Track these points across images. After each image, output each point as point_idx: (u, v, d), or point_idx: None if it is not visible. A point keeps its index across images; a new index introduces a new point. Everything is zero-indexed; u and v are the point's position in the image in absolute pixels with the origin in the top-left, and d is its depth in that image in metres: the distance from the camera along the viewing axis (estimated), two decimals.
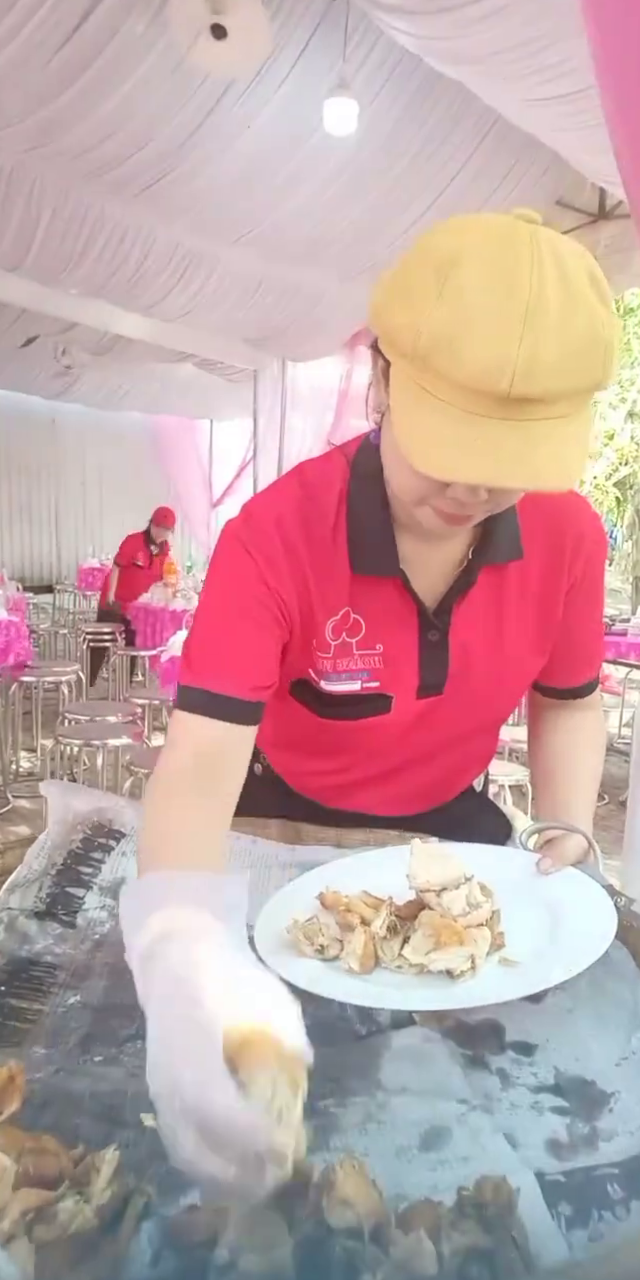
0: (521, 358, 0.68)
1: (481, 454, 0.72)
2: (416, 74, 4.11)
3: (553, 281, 0.70)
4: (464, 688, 1.01)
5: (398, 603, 0.96)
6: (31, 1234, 0.46)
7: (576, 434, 0.74)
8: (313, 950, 0.76)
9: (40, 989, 0.77)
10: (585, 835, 0.95)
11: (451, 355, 0.70)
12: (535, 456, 0.72)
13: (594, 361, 0.71)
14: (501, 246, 0.71)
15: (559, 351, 0.69)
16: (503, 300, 0.69)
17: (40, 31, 3.43)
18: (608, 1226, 0.54)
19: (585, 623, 1.06)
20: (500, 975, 0.73)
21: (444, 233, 0.75)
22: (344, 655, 0.97)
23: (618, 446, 11.29)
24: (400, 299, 0.75)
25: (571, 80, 3.10)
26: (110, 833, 0.98)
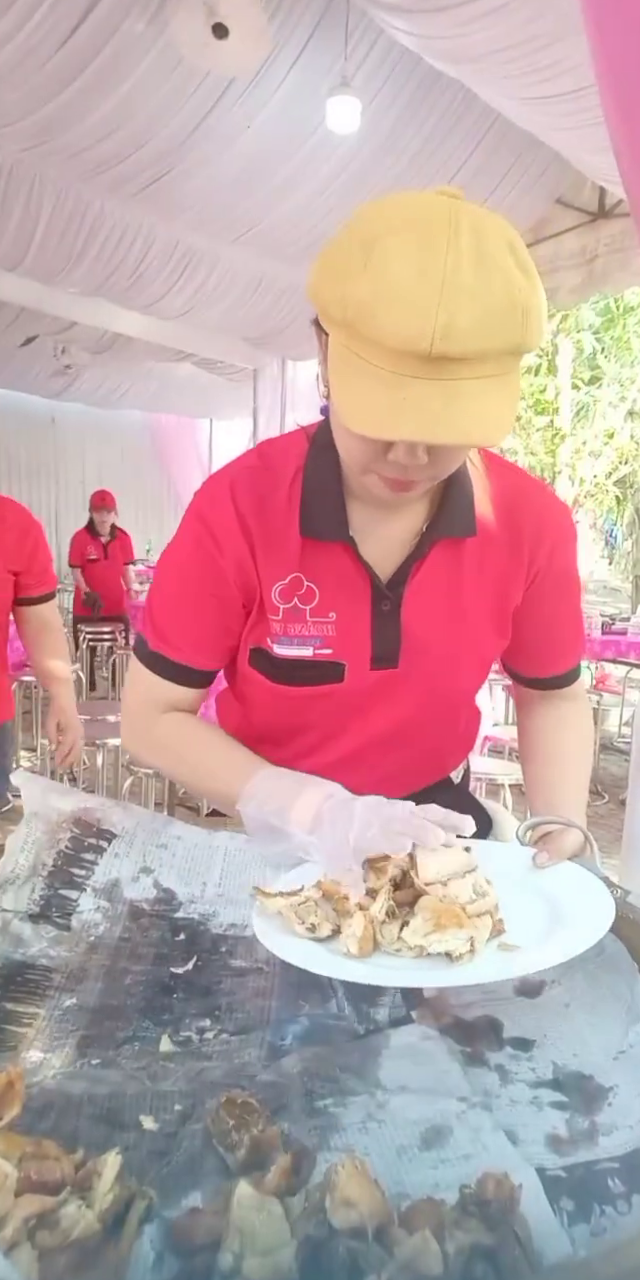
0: (440, 320, 0.73)
1: (410, 412, 0.76)
2: (417, 73, 4.11)
3: (469, 250, 0.75)
4: (419, 662, 1.03)
5: (351, 572, 0.99)
6: (34, 1240, 0.46)
7: (503, 394, 0.79)
8: (304, 929, 0.76)
9: (36, 992, 0.77)
10: (582, 830, 0.95)
11: (376, 321, 0.75)
12: (461, 414, 0.77)
13: (512, 323, 0.76)
14: (420, 220, 0.77)
15: (475, 313, 0.74)
16: (421, 268, 0.74)
17: (40, 31, 3.43)
18: (609, 1221, 0.54)
19: (559, 611, 1.09)
20: (499, 959, 0.73)
21: (368, 209, 0.82)
22: (295, 620, 1.00)
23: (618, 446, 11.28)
24: (331, 273, 0.81)
25: (570, 79, 3.10)
26: (100, 833, 0.97)
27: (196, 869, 0.95)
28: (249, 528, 0.98)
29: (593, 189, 5.19)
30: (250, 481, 0.99)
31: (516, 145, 4.63)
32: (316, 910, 0.77)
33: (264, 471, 1.00)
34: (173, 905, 0.91)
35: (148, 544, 10.49)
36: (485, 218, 0.78)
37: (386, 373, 0.77)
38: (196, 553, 1.00)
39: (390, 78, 4.16)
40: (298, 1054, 0.68)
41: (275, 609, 1.00)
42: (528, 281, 0.78)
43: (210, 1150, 0.56)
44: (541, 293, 0.80)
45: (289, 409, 7.34)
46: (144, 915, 0.89)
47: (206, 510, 1.00)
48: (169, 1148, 0.57)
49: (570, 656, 1.15)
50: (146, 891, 0.92)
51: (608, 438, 11.29)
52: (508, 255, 0.77)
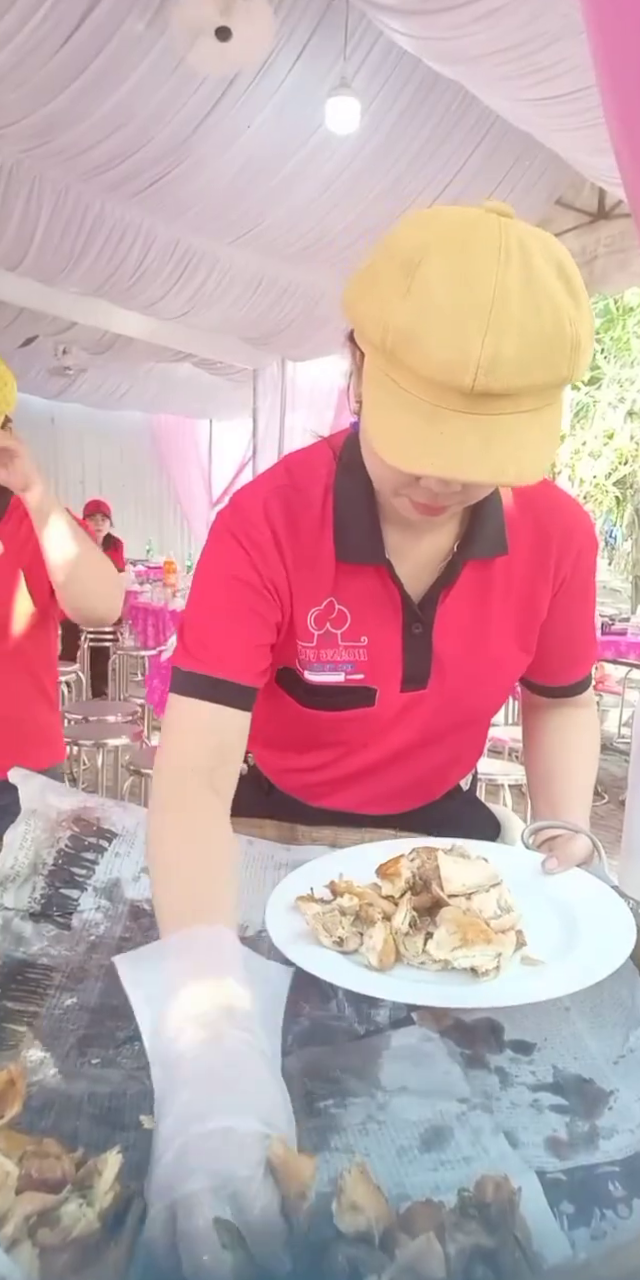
0: (484, 354, 0.69)
1: (445, 447, 0.73)
2: (416, 74, 4.11)
3: (518, 277, 0.70)
4: (447, 683, 1.01)
5: (382, 594, 0.97)
6: (35, 1238, 0.46)
7: (543, 428, 0.75)
8: (331, 942, 0.75)
9: (36, 991, 0.77)
10: (590, 836, 0.95)
11: (416, 350, 0.71)
12: (498, 451, 0.73)
13: (559, 357, 0.72)
14: (466, 241, 0.72)
15: (522, 347, 0.70)
16: (466, 296, 0.70)
17: (40, 31, 3.43)
18: (610, 1224, 0.54)
19: (576, 622, 1.07)
20: (524, 975, 0.73)
21: (411, 226, 0.76)
22: (328, 646, 0.98)
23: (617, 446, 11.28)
24: (369, 293, 0.76)
25: (569, 80, 3.10)
26: (101, 832, 0.97)
27: None
28: (284, 549, 0.94)
29: (592, 190, 5.19)
30: (283, 503, 0.95)
31: (516, 146, 4.63)
32: (343, 922, 0.76)
33: (295, 492, 0.96)
34: None
35: (148, 544, 10.50)
36: (535, 238, 0.74)
37: (424, 404, 0.73)
38: (232, 570, 0.94)
39: (390, 79, 4.16)
40: (298, 1054, 0.68)
41: (309, 635, 0.97)
42: (577, 310, 0.73)
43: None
44: (591, 320, 0.75)
45: (289, 409, 7.34)
46: (145, 915, 0.89)
47: (240, 529, 0.94)
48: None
49: (584, 666, 1.13)
50: (147, 891, 0.92)
51: (607, 438, 11.29)
52: (557, 280, 0.72)
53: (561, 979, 0.70)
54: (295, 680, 1.00)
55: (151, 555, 10.14)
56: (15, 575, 1.69)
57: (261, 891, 0.91)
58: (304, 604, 0.96)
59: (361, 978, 0.71)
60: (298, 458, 1.01)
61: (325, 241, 5.18)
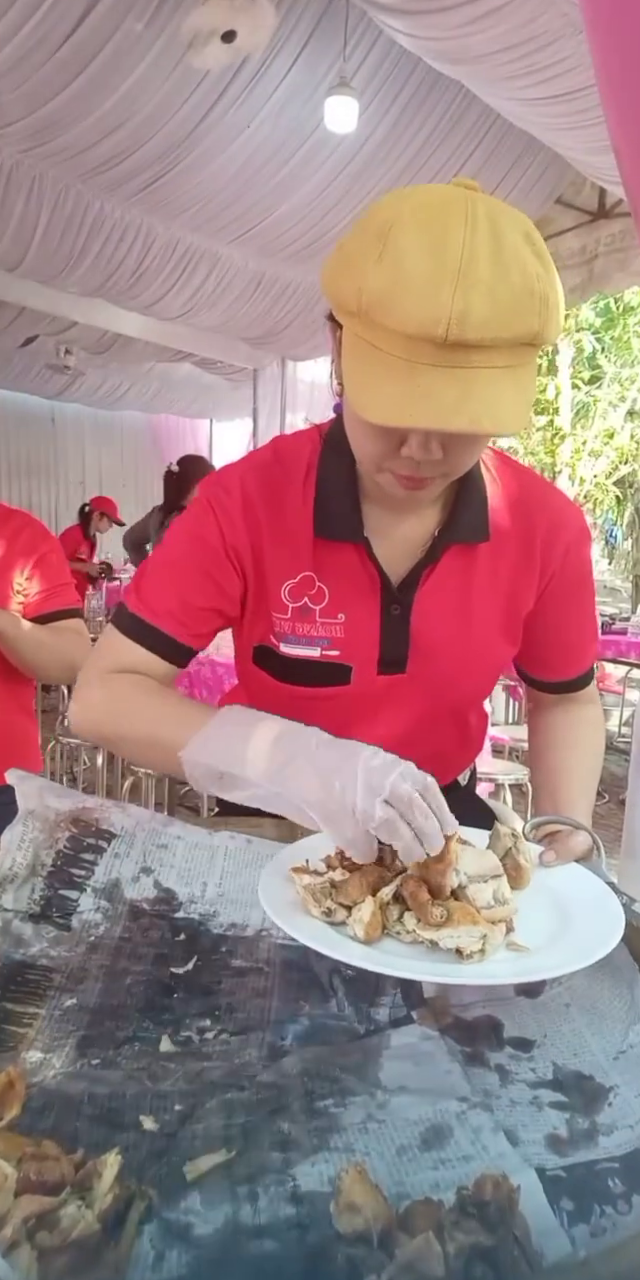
0: (456, 306, 0.72)
1: (423, 399, 0.75)
2: (416, 73, 4.11)
3: (485, 238, 0.74)
4: (427, 667, 1.02)
5: (361, 573, 0.99)
6: (34, 1240, 0.46)
7: (518, 385, 0.78)
8: (319, 912, 0.76)
9: (36, 992, 0.77)
10: (590, 832, 0.95)
11: (390, 308, 0.75)
12: (474, 402, 0.75)
13: (529, 311, 0.75)
14: (436, 210, 0.76)
15: (491, 300, 0.73)
16: (437, 256, 0.73)
17: (39, 30, 3.43)
18: (610, 1221, 0.54)
19: (572, 616, 1.08)
20: (508, 959, 0.73)
21: (382, 203, 0.80)
22: (304, 620, 0.99)
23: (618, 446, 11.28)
24: (345, 265, 0.80)
25: (569, 79, 3.10)
26: (99, 833, 0.97)
27: (197, 869, 0.95)
28: (258, 521, 0.97)
29: (592, 189, 5.19)
30: (263, 477, 0.99)
31: (516, 146, 4.63)
32: (333, 894, 0.77)
33: (278, 467, 1.00)
34: (173, 905, 0.91)
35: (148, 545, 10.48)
36: (502, 209, 0.78)
37: (400, 361, 0.76)
38: (196, 531, 0.99)
39: (389, 78, 4.16)
40: (298, 1054, 0.68)
41: (283, 607, 0.99)
42: (545, 271, 0.77)
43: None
44: (559, 285, 0.79)
45: (289, 409, 7.34)
46: (144, 915, 0.89)
47: (213, 496, 0.99)
48: (169, 1148, 0.57)
49: (583, 660, 1.14)
50: (147, 891, 0.92)
51: (608, 438, 11.28)
52: (525, 245, 0.76)
53: (545, 965, 0.71)
54: (271, 655, 1.02)
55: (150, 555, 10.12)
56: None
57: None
58: (277, 575, 0.99)
59: (345, 948, 0.71)
60: (285, 438, 1.06)
61: (325, 241, 5.18)
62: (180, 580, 0.99)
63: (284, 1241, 0.49)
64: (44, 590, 1.78)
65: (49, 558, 1.81)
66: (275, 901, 0.76)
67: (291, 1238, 0.49)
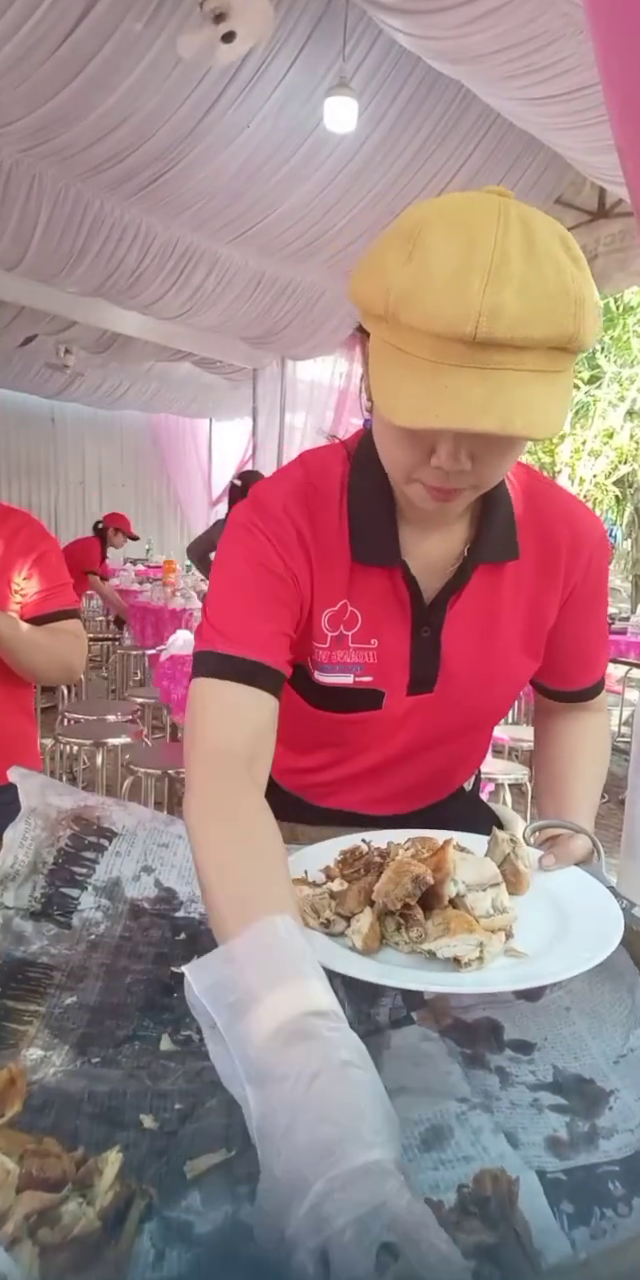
0: (486, 303, 0.69)
1: (451, 400, 0.72)
2: (415, 73, 4.11)
3: (518, 239, 0.72)
4: (454, 687, 1.00)
5: (393, 597, 0.97)
6: (35, 1237, 0.46)
7: (550, 389, 0.75)
8: (318, 923, 0.76)
9: (37, 990, 0.77)
10: (590, 836, 0.94)
11: (418, 306, 0.72)
12: (505, 403, 0.72)
13: (562, 311, 0.72)
14: (467, 210, 0.74)
15: (524, 297, 0.70)
16: (467, 253, 0.71)
17: (39, 30, 3.43)
18: (609, 1224, 0.54)
19: (589, 627, 1.06)
20: (506, 966, 0.73)
21: (414, 208, 0.78)
22: (339, 648, 0.97)
23: (617, 445, 11.27)
24: (373, 270, 0.78)
25: (568, 79, 3.10)
26: (100, 831, 0.97)
27: None
28: (308, 549, 0.94)
29: (592, 189, 5.19)
30: (302, 501, 0.95)
31: (516, 145, 4.63)
32: (331, 905, 0.76)
33: (313, 491, 0.95)
34: (173, 904, 0.91)
35: (147, 544, 10.49)
36: (535, 213, 0.76)
37: (428, 362, 0.73)
38: (258, 558, 0.92)
39: (389, 78, 4.16)
40: None
41: (323, 637, 0.97)
42: (581, 274, 0.74)
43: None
44: (595, 289, 0.76)
45: (288, 409, 7.35)
46: (145, 914, 0.89)
47: (262, 522, 0.93)
48: (169, 1147, 0.57)
49: (596, 670, 1.12)
50: (147, 890, 0.92)
51: (607, 437, 11.28)
52: (560, 248, 0.74)
53: (543, 971, 0.70)
54: (305, 679, 1.00)
55: (151, 555, 10.14)
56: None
57: None
58: (321, 604, 0.96)
59: (343, 959, 0.71)
60: (314, 456, 1.00)
61: (324, 241, 5.19)
62: (259, 607, 0.92)
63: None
64: (42, 590, 1.78)
65: (47, 557, 1.80)
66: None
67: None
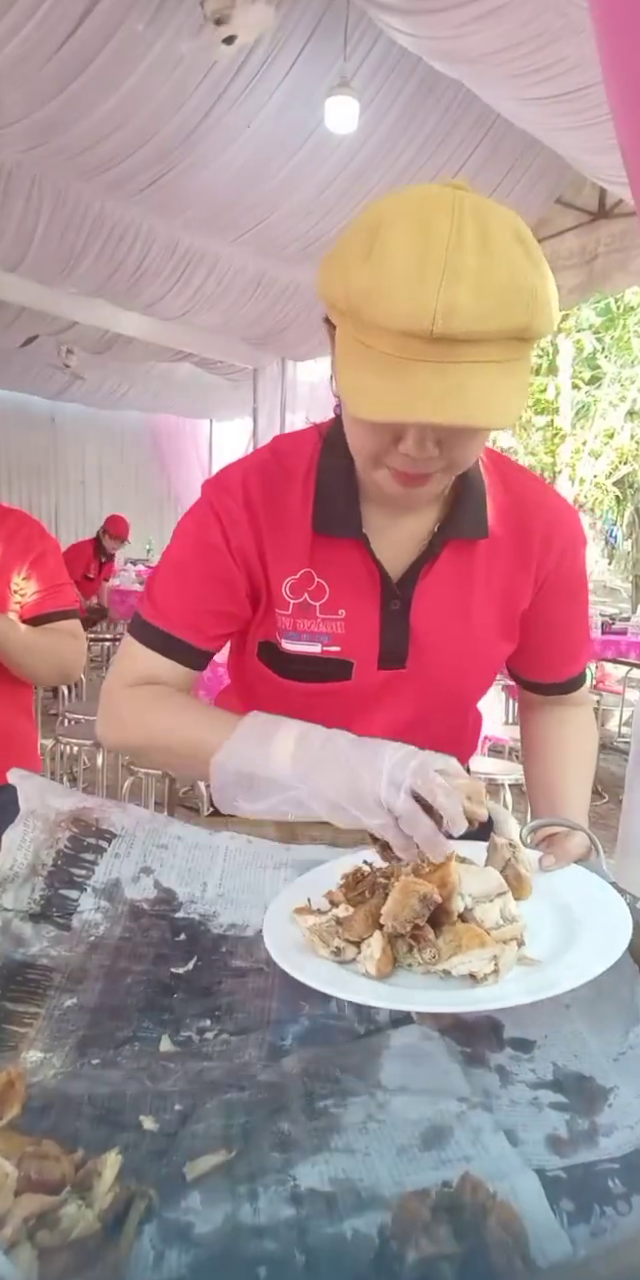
0: (441, 300, 0.73)
1: (413, 394, 0.76)
2: (416, 73, 4.11)
3: (472, 235, 0.75)
4: (426, 662, 1.02)
5: (361, 569, 0.99)
6: (34, 1239, 0.46)
7: (509, 379, 0.78)
8: (328, 952, 0.75)
9: (36, 992, 0.77)
10: (587, 833, 0.95)
11: (377, 303, 0.75)
12: (465, 395, 0.76)
13: (517, 304, 0.75)
14: (423, 208, 0.77)
15: (478, 293, 0.73)
16: (422, 251, 0.74)
17: (39, 31, 3.43)
18: (610, 1222, 0.54)
19: (565, 619, 1.09)
20: (522, 976, 0.73)
21: (374, 204, 0.81)
22: (305, 616, 1.00)
23: (618, 446, 11.28)
24: (336, 265, 0.81)
25: (569, 79, 3.10)
26: (99, 832, 0.97)
27: (197, 869, 0.95)
28: (259, 520, 0.98)
29: (592, 189, 5.18)
30: (263, 476, 1.00)
31: (516, 146, 4.63)
32: (338, 933, 0.76)
33: (277, 467, 1.00)
34: (173, 905, 0.91)
35: (148, 544, 10.50)
36: (491, 206, 0.78)
37: (390, 357, 0.76)
38: (202, 535, 1.00)
39: (390, 78, 4.16)
40: (298, 1054, 0.68)
41: (285, 604, 1.00)
42: (535, 268, 0.77)
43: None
44: (550, 280, 0.79)
45: (289, 409, 7.34)
46: (144, 915, 0.89)
47: (216, 497, 1.00)
48: (169, 1148, 0.57)
49: (575, 663, 1.14)
50: (147, 891, 0.92)
51: (608, 438, 11.30)
52: (514, 243, 0.77)
53: (560, 977, 0.70)
54: (273, 651, 1.03)
55: (151, 555, 10.14)
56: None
57: (261, 892, 0.91)
58: (279, 572, 0.99)
59: (360, 988, 0.71)
60: (285, 437, 1.06)
61: (325, 241, 5.18)
62: (191, 586, 1.00)
63: (284, 1241, 0.49)
64: (41, 590, 1.78)
65: (46, 557, 1.81)
66: (283, 946, 0.75)
67: (291, 1238, 0.49)
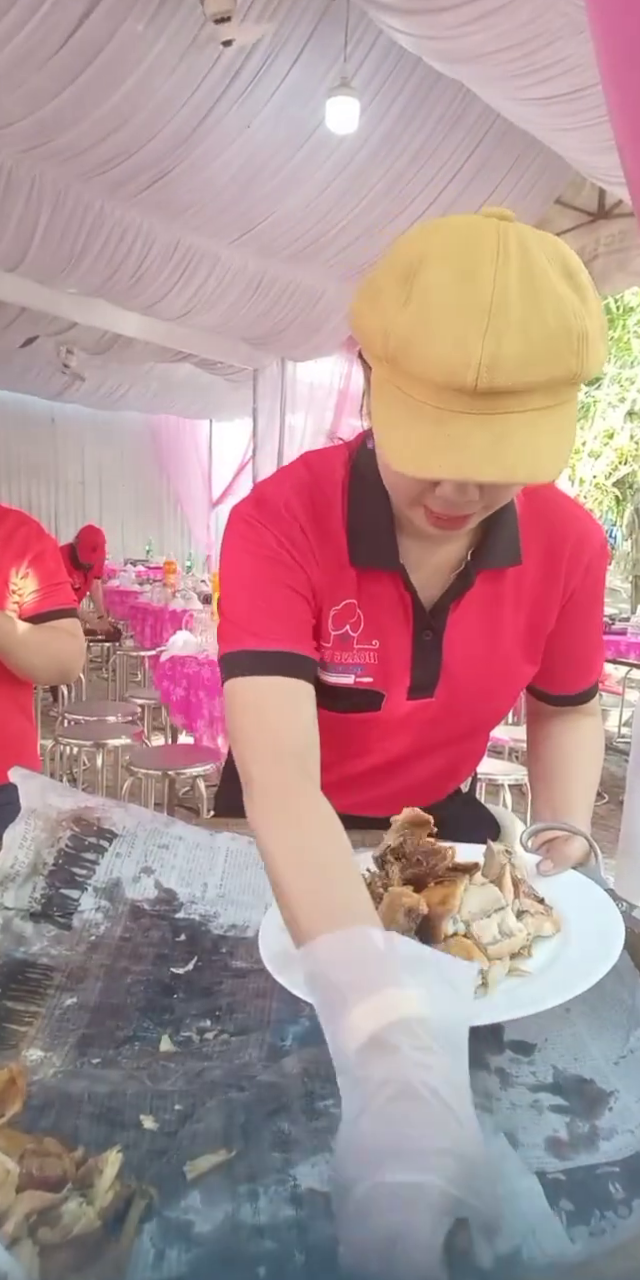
0: (485, 352, 0.68)
1: (454, 449, 0.72)
2: (416, 73, 4.11)
3: (517, 275, 0.70)
4: (454, 692, 1.01)
5: (396, 600, 0.97)
6: (35, 1236, 0.46)
7: (555, 426, 0.74)
8: None
9: (37, 991, 0.77)
10: (586, 838, 0.94)
11: (418, 355, 0.71)
12: (507, 450, 0.72)
13: (564, 351, 0.70)
14: (465, 246, 0.72)
15: (524, 343, 0.69)
16: (465, 297, 0.69)
17: (40, 31, 3.43)
18: (609, 1225, 0.54)
19: (584, 631, 1.07)
20: (512, 988, 0.72)
21: (412, 237, 0.76)
22: (342, 648, 0.97)
23: (617, 446, 11.29)
24: (372, 304, 0.76)
25: (569, 79, 3.10)
26: (100, 832, 0.97)
27: (198, 870, 0.95)
28: (311, 543, 0.94)
29: (592, 189, 5.19)
30: (305, 499, 0.95)
31: (516, 145, 4.63)
32: None
33: (314, 490, 0.95)
34: (174, 906, 0.91)
35: (148, 545, 10.51)
36: (537, 241, 0.73)
37: (430, 409, 0.72)
38: (267, 554, 0.92)
39: (390, 78, 4.16)
40: (298, 1054, 0.68)
41: (328, 635, 0.97)
42: (584, 305, 0.72)
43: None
44: (600, 316, 0.74)
45: (289, 409, 7.34)
46: (145, 915, 0.89)
47: (269, 520, 0.93)
48: (169, 1147, 0.57)
49: (590, 675, 1.13)
50: (147, 892, 0.92)
51: (607, 438, 11.30)
52: (562, 279, 0.72)
53: (545, 995, 0.69)
54: None
55: (151, 555, 10.14)
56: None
57: (262, 893, 0.91)
58: (328, 601, 0.96)
59: None
60: (316, 457, 1.00)
61: (325, 241, 5.18)
62: (277, 602, 0.92)
63: (284, 1241, 0.49)
64: (40, 590, 1.79)
65: (44, 557, 1.81)
66: (278, 954, 0.75)
67: (291, 1237, 0.49)
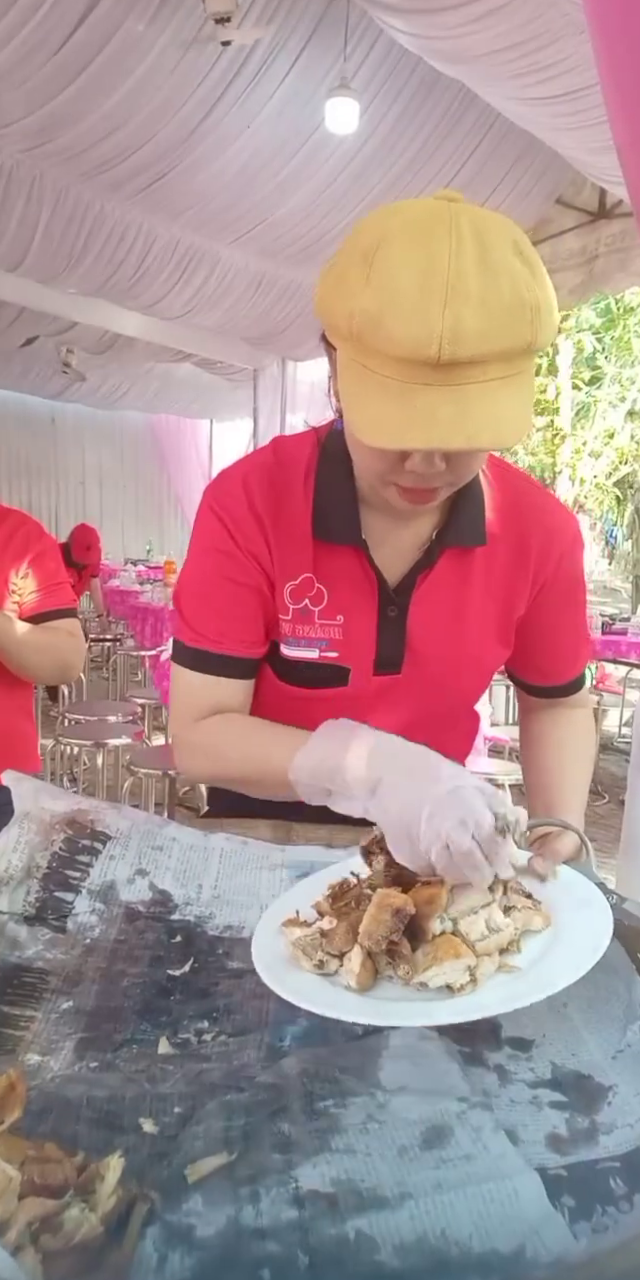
0: (446, 325, 0.72)
1: (420, 420, 0.76)
2: (416, 73, 4.11)
3: (472, 253, 0.74)
4: (421, 669, 1.03)
5: (359, 575, 0.99)
6: (38, 1243, 0.46)
7: (514, 394, 0.78)
8: (311, 965, 0.75)
9: (32, 995, 0.76)
10: (578, 832, 0.95)
11: (381, 331, 0.74)
12: (472, 418, 0.75)
13: (520, 322, 0.75)
14: (421, 226, 0.76)
15: (482, 315, 0.73)
16: (424, 275, 0.73)
17: (40, 30, 3.43)
18: (611, 1220, 0.53)
19: (564, 623, 1.09)
20: (501, 983, 0.73)
21: (371, 221, 0.80)
22: (304, 622, 1.00)
23: (618, 446, 11.28)
24: (335, 287, 0.80)
25: (569, 79, 3.11)
26: (94, 834, 0.97)
27: (192, 871, 0.95)
28: (263, 523, 0.98)
29: (593, 189, 5.19)
30: (265, 478, 0.99)
31: (516, 145, 4.64)
32: (322, 945, 0.75)
33: (278, 469, 1.00)
34: (169, 907, 0.91)
35: (148, 544, 10.51)
36: (487, 218, 0.78)
37: (396, 383, 0.76)
38: (213, 543, 0.99)
39: (390, 78, 4.16)
40: (297, 1055, 0.68)
41: (285, 609, 1.00)
42: (535, 279, 0.77)
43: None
44: (550, 288, 0.79)
45: (289, 409, 7.35)
46: (140, 917, 0.89)
47: (219, 504, 0.99)
48: (169, 1150, 0.57)
49: (574, 666, 1.15)
50: (142, 894, 0.92)
51: (608, 438, 11.30)
52: (513, 254, 0.76)
53: (536, 985, 0.70)
54: (274, 655, 1.04)
55: (151, 555, 10.15)
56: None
57: (257, 893, 0.91)
58: (282, 576, 0.99)
59: (339, 1004, 0.71)
60: (286, 439, 1.05)
61: (325, 241, 5.18)
62: (218, 599, 1.00)
63: (286, 1243, 0.49)
64: (39, 590, 1.79)
65: (44, 557, 1.81)
66: (269, 958, 0.75)
67: (294, 1239, 0.49)
